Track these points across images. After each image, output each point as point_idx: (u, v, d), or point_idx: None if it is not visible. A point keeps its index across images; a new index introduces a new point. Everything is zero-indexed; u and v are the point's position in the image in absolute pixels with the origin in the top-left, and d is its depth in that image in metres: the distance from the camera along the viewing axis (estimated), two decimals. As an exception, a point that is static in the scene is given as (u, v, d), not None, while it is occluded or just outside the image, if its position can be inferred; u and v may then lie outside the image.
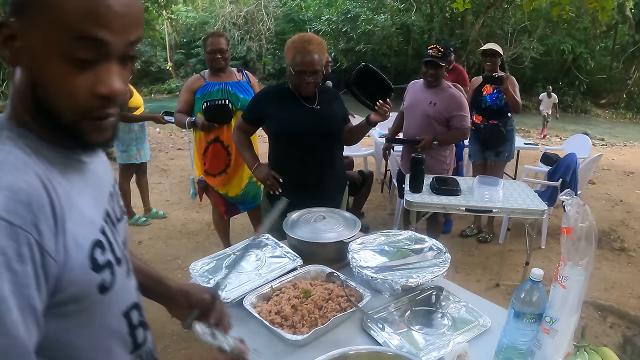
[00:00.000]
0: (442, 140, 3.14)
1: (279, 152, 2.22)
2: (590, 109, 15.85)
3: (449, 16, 15.52)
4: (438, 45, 3.12)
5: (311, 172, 2.16)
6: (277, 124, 2.15)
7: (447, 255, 1.55)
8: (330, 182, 2.23)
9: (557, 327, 1.09)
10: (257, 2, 19.05)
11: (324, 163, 2.19)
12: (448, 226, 4.16)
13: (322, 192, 2.15)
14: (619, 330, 2.86)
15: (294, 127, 2.10)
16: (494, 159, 3.85)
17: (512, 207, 2.56)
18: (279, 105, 2.12)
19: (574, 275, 1.07)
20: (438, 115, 3.11)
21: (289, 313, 1.30)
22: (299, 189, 2.13)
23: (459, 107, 3.11)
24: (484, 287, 3.31)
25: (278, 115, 2.12)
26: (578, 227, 1.06)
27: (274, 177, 2.18)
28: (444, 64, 3.12)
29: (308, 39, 2.00)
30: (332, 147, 2.22)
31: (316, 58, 1.97)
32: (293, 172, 2.17)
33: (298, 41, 2.00)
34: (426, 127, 3.14)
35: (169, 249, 3.87)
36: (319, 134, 2.11)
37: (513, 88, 3.62)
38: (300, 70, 1.98)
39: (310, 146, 2.12)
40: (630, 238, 4.26)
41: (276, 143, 2.23)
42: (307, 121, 2.08)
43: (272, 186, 2.19)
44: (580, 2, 10.50)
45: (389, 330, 1.27)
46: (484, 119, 3.82)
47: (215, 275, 1.55)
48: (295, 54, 1.98)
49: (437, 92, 3.15)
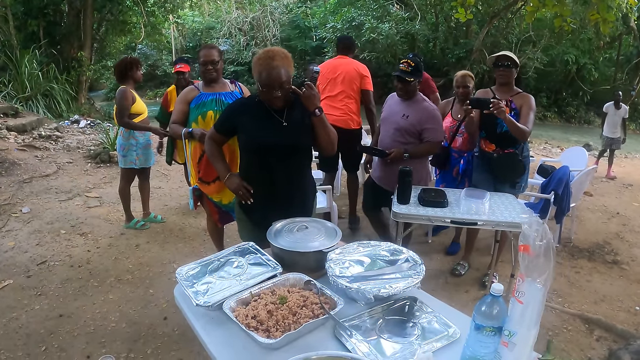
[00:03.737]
0: (413, 153, 3.15)
1: (249, 163, 2.27)
2: (594, 120, 15.80)
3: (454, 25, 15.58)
4: (409, 59, 3.08)
5: (280, 184, 2.20)
6: (247, 136, 2.19)
7: (422, 267, 1.60)
8: (298, 193, 2.28)
9: (516, 340, 1.14)
10: (263, 9, 19.24)
11: (293, 175, 2.23)
12: (455, 247, 4.10)
13: (292, 202, 2.21)
14: (605, 344, 2.87)
15: (262, 141, 2.13)
16: (509, 191, 3.18)
17: (497, 220, 2.59)
18: (250, 117, 2.17)
19: (531, 291, 1.12)
20: (410, 127, 3.13)
21: (264, 318, 1.37)
22: (269, 199, 2.22)
23: (432, 120, 3.12)
24: (472, 297, 3.34)
25: (248, 128, 2.16)
26: (536, 245, 1.11)
27: (245, 188, 2.23)
28: (413, 79, 3.07)
29: (272, 54, 2.02)
30: (301, 160, 2.28)
31: (282, 72, 2.00)
32: (262, 183, 2.21)
33: (263, 57, 2.02)
34: (398, 138, 3.17)
35: (165, 253, 3.93)
36: (288, 149, 2.16)
37: (528, 111, 3.03)
38: (266, 84, 2.01)
39: (279, 159, 2.16)
40: (624, 251, 4.27)
41: (247, 154, 2.27)
42: (275, 136, 2.12)
43: (243, 196, 2.24)
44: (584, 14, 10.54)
45: (358, 337, 1.33)
46: (498, 147, 3.22)
47: (199, 279, 1.61)
48: (261, 71, 2.01)
49: (411, 104, 3.17)
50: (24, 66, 9.52)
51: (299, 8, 19.79)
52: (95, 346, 2.70)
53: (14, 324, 2.89)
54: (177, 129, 2.92)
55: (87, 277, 3.48)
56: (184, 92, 2.98)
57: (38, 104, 9.52)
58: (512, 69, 3.09)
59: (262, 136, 2.13)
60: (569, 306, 3.26)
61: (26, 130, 7.62)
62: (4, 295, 3.21)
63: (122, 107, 3.91)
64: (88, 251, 3.92)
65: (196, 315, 1.50)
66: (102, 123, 9.21)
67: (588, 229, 4.76)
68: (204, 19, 21.62)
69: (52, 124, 8.39)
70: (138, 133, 4.06)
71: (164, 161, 6.73)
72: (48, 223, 4.44)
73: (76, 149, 7.26)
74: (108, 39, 13.56)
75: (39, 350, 2.65)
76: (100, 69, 13.46)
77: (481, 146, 3.36)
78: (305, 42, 18.40)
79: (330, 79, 4.15)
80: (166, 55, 20.38)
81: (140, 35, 15.11)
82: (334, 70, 4.16)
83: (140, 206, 4.59)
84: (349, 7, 15.26)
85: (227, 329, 1.41)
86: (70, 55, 11.19)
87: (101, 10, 11.98)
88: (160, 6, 14.10)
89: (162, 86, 19.96)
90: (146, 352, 2.67)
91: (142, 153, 4.14)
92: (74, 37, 11.29)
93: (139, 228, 4.38)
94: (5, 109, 8.07)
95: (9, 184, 5.43)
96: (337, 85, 4.10)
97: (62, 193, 5.32)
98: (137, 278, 3.50)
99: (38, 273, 3.52)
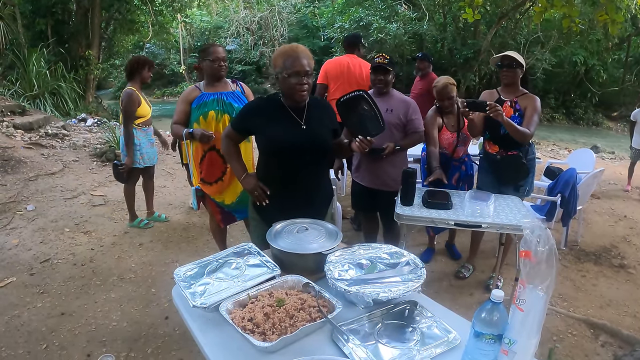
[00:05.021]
0: (403, 145, 3.16)
1: (267, 164, 2.23)
2: (602, 121, 15.68)
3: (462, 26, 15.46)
4: (382, 54, 3.16)
5: (298, 187, 2.17)
6: (266, 139, 2.14)
7: (423, 271, 1.57)
8: (316, 197, 2.25)
9: (516, 349, 1.11)
10: (271, 8, 19.23)
11: (311, 178, 2.21)
12: (428, 254, 4.01)
13: (309, 206, 2.15)
14: (611, 350, 2.83)
15: (282, 144, 2.10)
16: (513, 194, 3.11)
17: (502, 223, 2.55)
18: (268, 119, 2.12)
19: (532, 299, 1.10)
20: (397, 121, 3.11)
21: (261, 320, 1.35)
22: (286, 201, 2.16)
23: (414, 111, 3.14)
24: (477, 300, 3.31)
25: (267, 130, 2.12)
26: (537, 251, 1.08)
27: (261, 189, 2.20)
28: (391, 69, 3.09)
29: (295, 45, 2.05)
30: (320, 163, 2.24)
31: (306, 61, 2.01)
32: (280, 185, 2.18)
33: (286, 48, 2.04)
34: (385, 134, 3.02)
35: (169, 252, 3.93)
36: (307, 152, 2.12)
37: (532, 113, 2.97)
38: (293, 72, 1.98)
39: (298, 162, 2.13)
40: (631, 255, 4.21)
41: (265, 156, 2.23)
42: (295, 139, 2.09)
43: (259, 197, 2.21)
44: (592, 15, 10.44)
45: (356, 342, 1.30)
46: (502, 149, 3.17)
47: (197, 280, 1.60)
48: (286, 59, 2.00)
49: (390, 99, 3.16)
50: (31, 64, 9.56)
51: (307, 8, 19.78)
52: (96, 345, 2.70)
53: (15, 321, 2.90)
54: (178, 129, 2.91)
55: (89, 276, 3.49)
56: (185, 93, 2.97)
57: (45, 102, 9.56)
58: (516, 69, 3.02)
59: (282, 139, 2.09)
60: (574, 310, 3.21)
61: (33, 128, 7.66)
62: (7, 292, 3.22)
63: (128, 112, 3.91)
64: (91, 249, 3.92)
65: (193, 317, 1.48)
66: (109, 122, 9.24)
67: (595, 232, 4.70)
68: (211, 18, 21.65)
69: (59, 122, 8.42)
70: (140, 132, 4.06)
71: (169, 160, 6.78)
72: (52, 221, 4.46)
73: (82, 147, 7.28)
74: (116, 37, 13.61)
75: (39, 348, 2.65)
76: (108, 67, 13.51)
77: (485, 147, 3.31)
78: (313, 42, 18.36)
79: (344, 79, 4.23)
80: (174, 55, 20.46)
81: (148, 34, 15.15)
82: (346, 71, 4.24)
83: (144, 205, 4.59)
84: (356, 7, 15.19)
85: (223, 331, 1.39)
86: (78, 54, 11.23)
87: (109, 9, 12.02)
88: (168, 5, 14.12)
89: (170, 85, 20.07)
90: (146, 352, 2.66)
91: (145, 152, 4.14)
92: (81, 35, 11.33)
93: (142, 227, 4.38)
94: (13, 107, 8.12)
95: (15, 182, 5.46)
96: (352, 86, 4.10)
97: (67, 191, 5.33)
98: (140, 277, 3.50)
99: (41, 271, 3.52)
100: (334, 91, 4.30)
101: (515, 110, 3.04)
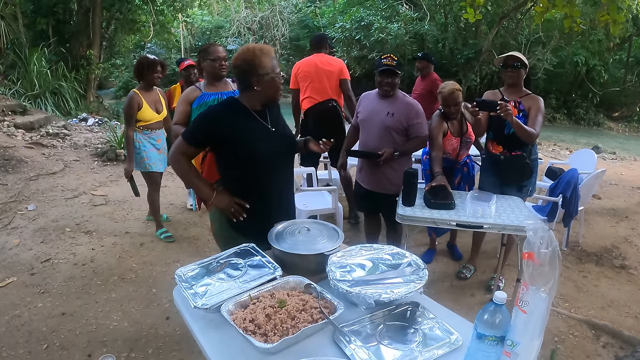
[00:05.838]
0: (403, 151, 3.09)
1: (238, 175, 2.05)
2: (603, 122, 15.65)
3: (463, 26, 15.46)
4: (391, 54, 3.07)
5: (275, 191, 2.11)
6: (240, 148, 1.98)
7: (425, 271, 1.57)
8: (290, 197, 2.26)
9: (518, 351, 1.11)
10: (272, 8, 19.22)
11: (284, 181, 2.20)
12: (430, 255, 4.00)
13: (286, 208, 2.18)
14: (612, 351, 2.82)
15: (259, 150, 1.99)
16: (516, 194, 3.13)
17: (503, 223, 2.55)
18: (238, 126, 1.97)
19: (535, 300, 1.09)
20: (397, 125, 3.04)
21: (262, 321, 1.34)
22: (264, 209, 2.06)
23: (417, 115, 3.06)
24: (478, 301, 3.30)
25: (241, 138, 1.97)
26: (541, 253, 1.08)
27: (237, 204, 2.04)
28: (400, 72, 3.04)
29: (266, 45, 2.04)
30: (290, 164, 2.25)
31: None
32: (254, 194, 2.06)
33: (265, 48, 1.97)
34: (386, 138, 3.06)
35: (169, 252, 3.93)
36: (282, 154, 2.12)
37: (536, 113, 2.96)
38: (277, 72, 1.98)
39: (273, 166, 2.07)
40: (633, 255, 4.20)
41: (235, 167, 2.05)
42: (270, 142, 2.03)
43: (236, 213, 2.05)
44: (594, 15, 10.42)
45: (357, 343, 1.30)
46: (506, 149, 3.15)
47: (198, 281, 1.59)
48: (272, 58, 1.96)
49: (393, 102, 3.09)
50: (32, 64, 9.57)
51: (308, 7, 19.75)
52: (97, 345, 2.70)
53: (16, 321, 2.90)
54: (179, 130, 2.89)
55: (90, 276, 3.48)
56: (185, 93, 2.96)
57: (46, 101, 9.57)
58: (521, 69, 3.02)
59: (258, 144, 1.98)
60: (575, 311, 3.21)
61: (34, 127, 7.67)
62: (8, 292, 3.22)
63: (127, 115, 3.88)
64: (92, 249, 3.92)
65: (194, 317, 1.48)
66: (110, 121, 9.24)
67: (596, 233, 4.69)
68: (213, 18, 21.64)
69: (60, 122, 8.42)
70: (142, 136, 4.00)
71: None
72: (53, 221, 4.46)
73: (83, 147, 7.29)
74: (117, 37, 13.61)
75: (40, 348, 2.65)
76: (109, 67, 13.50)
77: (488, 148, 3.30)
78: (313, 42, 18.37)
79: (313, 77, 4.27)
80: (175, 54, 20.41)
81: (149, 34, 15.15)
82: (314, 70, 4.27)
83: (146, 204, 4.57)
84: (357, 7, 15.19)
85: (225, 332, 1.39)
86: (79, 54, 11.24)
87: (110, 9, 12.03)
88: (169, 5, 14.12)
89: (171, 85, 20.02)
90: (147, 352, 2.66)
91: (146, 156, 4.00)
92: (83, 35, 11.33)
93: (162, 239, 4.20)
94: (14, 106, 8.13)
95: (16, 182, 5.46)
96: (323, 82, 4.24)
97: (68, 191, 5.34)
98: (141, 277, 3.50)
99: (42, 271, 3.52)
100: (305, 90, 4.33)
101: (519, 111, 3.04)
